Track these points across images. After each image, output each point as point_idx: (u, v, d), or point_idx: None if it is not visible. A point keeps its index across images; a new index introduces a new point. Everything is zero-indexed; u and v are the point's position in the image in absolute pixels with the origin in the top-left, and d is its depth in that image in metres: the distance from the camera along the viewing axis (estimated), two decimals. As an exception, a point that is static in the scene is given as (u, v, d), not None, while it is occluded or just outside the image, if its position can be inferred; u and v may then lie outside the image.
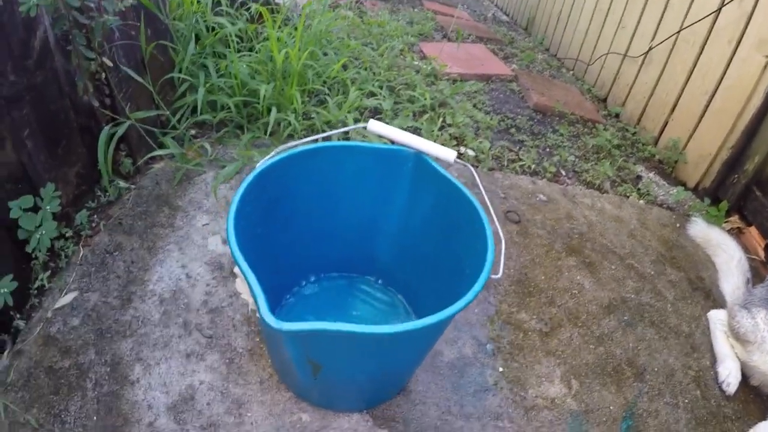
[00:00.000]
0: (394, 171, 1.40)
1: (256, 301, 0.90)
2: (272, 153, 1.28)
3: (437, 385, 1.42)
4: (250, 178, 1.19)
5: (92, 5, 1.48)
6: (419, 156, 1.36)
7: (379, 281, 1.62)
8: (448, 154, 1.31)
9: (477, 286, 0.99)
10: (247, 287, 0.97)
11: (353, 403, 1.30)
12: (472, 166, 2.39)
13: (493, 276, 1.07)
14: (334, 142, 1.37)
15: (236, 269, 1.03)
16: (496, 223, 1.21)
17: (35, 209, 1.44)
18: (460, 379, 1.45)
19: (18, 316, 1.38)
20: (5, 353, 1.32)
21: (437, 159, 1.34)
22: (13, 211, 1.37)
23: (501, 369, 1.50)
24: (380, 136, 1.39)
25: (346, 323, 0.88)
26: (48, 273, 1.51)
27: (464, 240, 1.23)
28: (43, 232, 1.44)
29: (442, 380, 1.43)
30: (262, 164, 1.23)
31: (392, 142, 1.38)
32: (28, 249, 1.43)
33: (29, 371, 1.29)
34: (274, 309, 1.42)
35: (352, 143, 1.38)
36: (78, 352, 1.35)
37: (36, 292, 1.47)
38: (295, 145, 1.32)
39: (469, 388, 1.43)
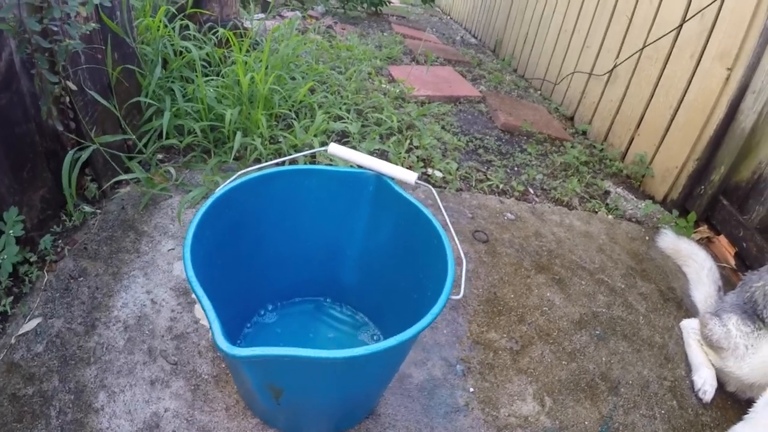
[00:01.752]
0: (356, 193, 1.39)
1: (210, 327, 0.87)
2: (232, 178, 1.26)
3: (407, 408, 1.38)
4: (207, 203, 1.16)
5: (56, 28, 1.46)
6: (380, 178, 1.35)
7: (346, 305, 1.59)
8: (409, 175, 1.31)
9: (436, 308, 0.97)
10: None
11: (321, 429, 1.27)
12: (440, 187, 2.40)
13: (454, 297, 1.05)
14: (293, 166, 1.36)
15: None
16: (457, 243, 1.20)
17: (-2, 233, 1.41)
18: (430, 400, 1.42)
19: (-20, 342, 1.35)
20: None
21: (399, 181, 1.34)
22: (-26, 235, 1.34)
23: (472, 389, 1.47)
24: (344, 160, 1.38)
25: (300, 348, 0.85)
26: (11, 299, 1.48)
27: (426, 261, 1.21)
28: (5, 257, 1.42)
29: (412, 402, 1.40)
30: (220, 190, 1.22)
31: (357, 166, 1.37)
32: (-10, 275, 1.40)
33: (-8, 398, 1.25)
34: (235, 339, 1.40)
35: (311, 167, 1.37)
36: (42, 379, 1.31)
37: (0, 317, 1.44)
38: (258, 169, 1.30)
39: (439, 410, 1.40)
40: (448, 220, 1.25)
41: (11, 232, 1.44)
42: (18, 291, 1.52)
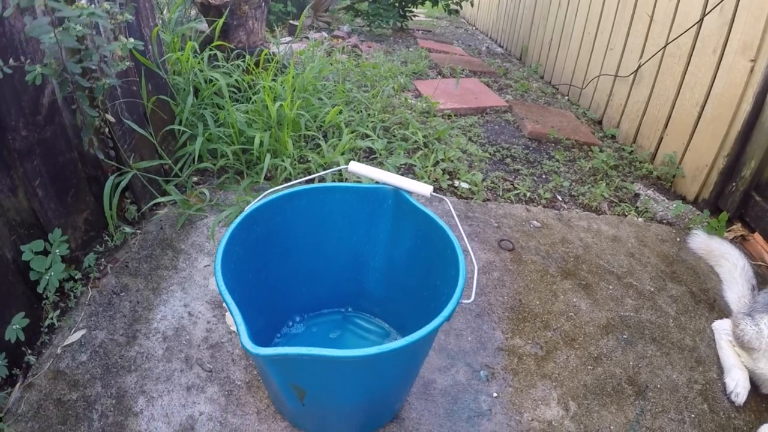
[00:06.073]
0: (376, 208, 1.46)
1: (237, 329, 0.95)
2: (259, 197, 1.35)
3: (430, 412, 1.43)
4: (237, 220, 1.25)
5: (94, 68, 1.59)
6: (398, 192, 1.42)
7: (371, 315, 1.65)
8: (424, 188, 1.37)
9: (446, 311, 1.02)
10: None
11: (346, 431, 1.33)
12: (466, 198, 2.44)
13: (465, 301, 1.10)
14: (315, 185, 1.44)
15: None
16: (470, 250, 1.24)
17: (46, 253, 1.55)
18: (454, 405, 1.45)
19: (29, 351, 1.47)
20: (17, 386, 1.40)
21: (415, 194, 1.40)
22: (25, 254, 1.48)
23: (495, 394, 1.50)
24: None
25: (319, 348, 0.92)
26: (58, 312, 1.60)
27: (441, 269, 1.27)
28: (52, 273, 1.55)
29: (436, 407, 1.44)
30: (248, 208, 1.30)
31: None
32: (39, 289, 1.53)
33: (39, 403, 1.36)
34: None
35: (332, 184, 1.45)
36: (85, 385, 1.42)
37: (47, 329, 1.55)
38: (285, 187, 1.39)
39: (462, 414, 1.43)
40: (461, 228, 1.30)
41: (57, 251, 1.57)
42: (64, 305, 1.64)
